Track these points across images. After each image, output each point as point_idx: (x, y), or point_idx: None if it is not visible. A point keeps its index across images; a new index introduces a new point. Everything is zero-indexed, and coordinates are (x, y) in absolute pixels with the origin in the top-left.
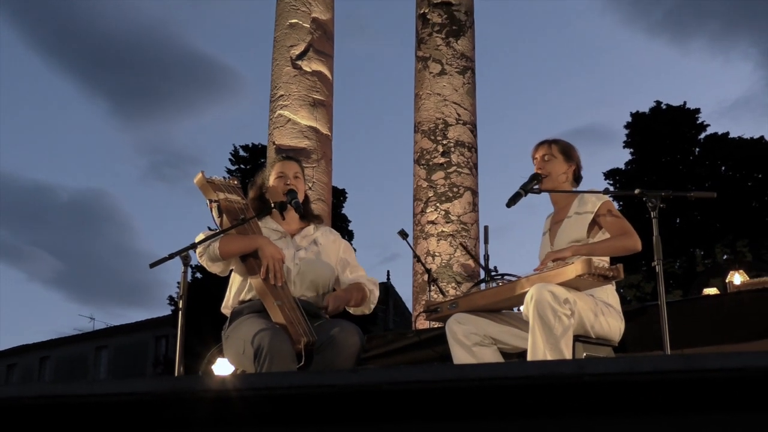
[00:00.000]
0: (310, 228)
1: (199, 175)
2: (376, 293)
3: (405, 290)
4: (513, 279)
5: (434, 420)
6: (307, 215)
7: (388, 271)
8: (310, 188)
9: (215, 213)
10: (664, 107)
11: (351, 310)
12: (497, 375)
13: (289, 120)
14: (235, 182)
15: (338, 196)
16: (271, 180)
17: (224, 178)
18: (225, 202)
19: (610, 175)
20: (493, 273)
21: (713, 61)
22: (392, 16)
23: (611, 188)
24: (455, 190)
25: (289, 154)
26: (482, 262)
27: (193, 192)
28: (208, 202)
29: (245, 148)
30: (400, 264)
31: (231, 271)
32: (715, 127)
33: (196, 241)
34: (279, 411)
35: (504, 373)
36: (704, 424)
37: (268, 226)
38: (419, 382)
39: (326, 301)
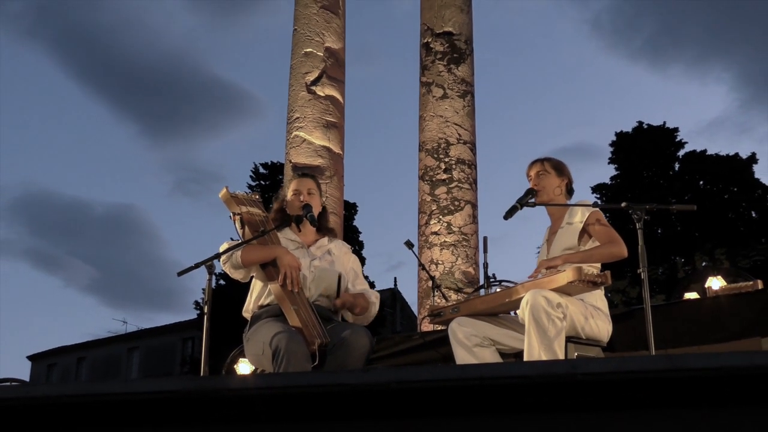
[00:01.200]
0: (325, 240)
1: (224, 190)
2: (377, 307)
3: (411, 295)
4: (510, 285)
5: (438, 416)
6: (322, 228)
7: (395, 278)
8: (324, 202)
9: (238, 225)
10: (646, 127)
11: (351, 319)
12: (496, 374)
13: (305, 140)
14: (257, 197)
15: (350, 209)
16: (289, 195)
17: (246, 193)
18: (247, 215)
19: (596, 189)
20: (491, 280)
21: (690, 85)
22: (398, 45)
23: (599, 201)
24: (456, 203)
25: (305, 171)
26: (482, 270)
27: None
28: (231, 214)
29: (264, 165)
30: (406, 271)
31: (252, 278)
32: (693, 145)
33: (221, 250)
34: (295, 408)
35: (503, 372)
36: (687, 419)
37: (287, 236)
38: (425, 381)
39: (335, 300)
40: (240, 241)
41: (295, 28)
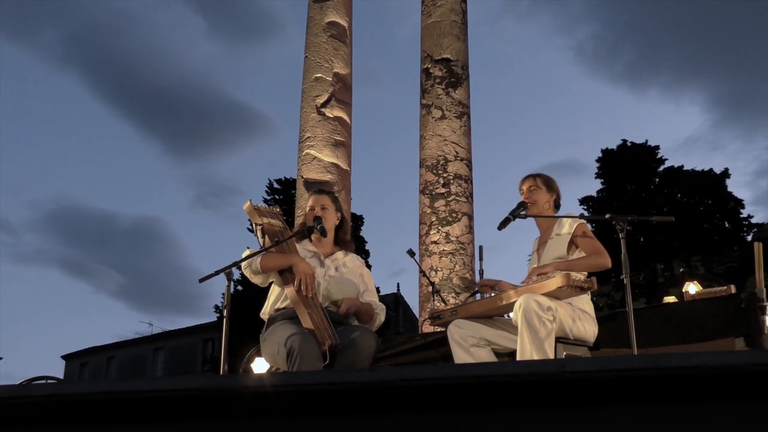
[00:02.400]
0: (341, 253)
1: (248, 203)
2: (382, 317)
3: (412, 299)
4: (504, 290)
5: (439, 411)
6: (339, 241)
7: (398, 283)
8: (342, 216)
9: (259, 234)
10: (629, 144)
11: (354, 322)
12: (492, 373)
13: (315, 158)
14: (277, 210)
15: (356, 221)
16: (306, 210)
17: (268, 206)
18: (267, 226)
19: (584, 201)
20: None
21: (667, 106)
22: (400, 71)
23: (585, 213)
24: (454, 215)
25: (315, 186)
26: (478, 276)
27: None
28: (254, 225)
29: (278, 181)
30: (408, 277)
31: (270, 283)
32: (671, 161)
33: (243, 256)
34: (308, 404)
35: (497, 371)
36: (668, 414)
37: (305, 247)
38: (426, 379)
39: (343, 302)
40: (259, 249)
41: (306, 55)
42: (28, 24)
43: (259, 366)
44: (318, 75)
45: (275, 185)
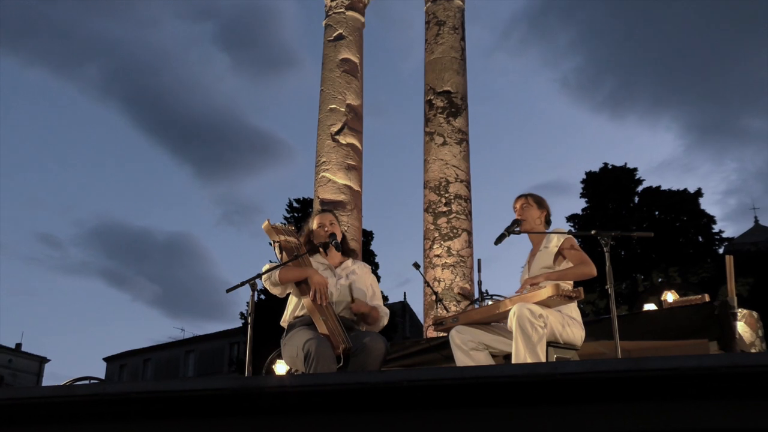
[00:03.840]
0: (349, 262)
1: (266, 223)
2: (385, 322)
3: (418, 307)
4: (500, 299)
5: (442, 409)
6: (346, 251)
7: (404, 293)
8: (345, 231)
9: (277, 250)
10: (610, 167)
11: (364, 327)
12: (489, 374)
13: (330, 180)
14: (292, 228)
15: (367, 236)
16: (314, 226)
17: (284, 224)
18: (284, 243)
19: (570, 218)
20: (484, 294)
21: (644, 132)
22: (406, 102)
23: (573, 229)
24: (455, 231)
25: (330, 206)
26: (476, 286)
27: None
28: (272, 242)
29: (297, 200)
30: (413, 287)
31: (288, 294)
32: (649, 182)
33: (262, 270)
34: (324, 402)
35: (495, 373)
36: (649, 410)
37: (317, 260)
38: (430, 380)
39: (353, 305)
40: (278, 263)
41: (321, 89)
42: (73, 60)
43: (280, 367)
44: (332, 106)
45: (294, 204)
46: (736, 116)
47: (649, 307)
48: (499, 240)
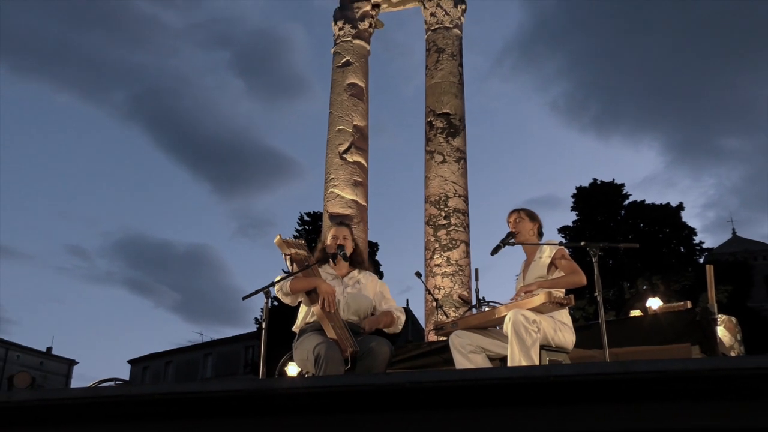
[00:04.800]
0: (356, 272)
1: (278, 237)
2: (403, 318)
3: (419, 313)
4: (496, 305)
5: (443, 408)
6: (353, 263)
7: (407, 299)
8: (355, 244)
9: (288, 262)
10: (599, 183)
11: (386, 330)
12: (487, 377)
13: (338, 195)
14: (302, 241)
15: (372, 247)
16: (328, 240)
17: (294, 238)
18: (295, 255)
19: (561, 230)
20: (481, 301)
21: (628, 150)
22: (408, 123)
23: (564, 240)
24: (454, 242)
25: (339, 220)
26: (474, 293)
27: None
28: (283, 255)
29: (307, 214)
30: (415, 294)
31: (299, 303)
32: (634, 196)
33: (275, 281)
34: (333, 403)
35: (492, 375)
36: (636, 410)
37: (326, 271)
38: (432, 382)
39: (364, 323)
40: (289, 274)
41: (330, 111)
42: (100, 86)
43: (292, 369)
44: (340, 127)
45: (305, 218)
46: (712, 136)
47: (636, 313)
48: (495, 251)
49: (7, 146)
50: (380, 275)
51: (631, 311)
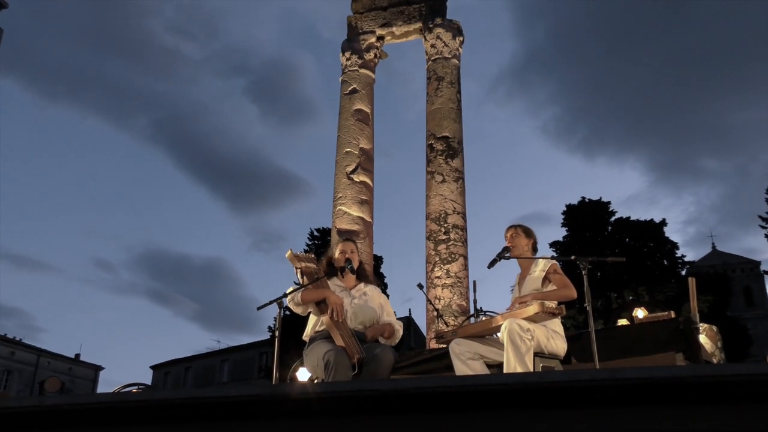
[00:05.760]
0: (362, 285)
1: (289, 252)
2: (401, 332)
3: (421, 321)
4: (493, 315)
5: (443, 412)
6: (360, 276)
7: (409, 309)
8: (361, 258)
9: (299, 275)
10: (587, 200)
11: (383, 341)
12: (484, 383)
13: (345, 212)
14: (312, 255)
15: (377, 260)
16: (336, 253)
17: (304, 252)
18: (305, 268)
19: (553, 245)
20: (479, 311)
21: (613, 170)
22: (410, 145)
23: (555, 254)
24: (453, 256)
25: (347, 236)
26: (472, 303)
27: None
28: (294, 268)
29: (317, 230)
30: (417, 304)
31: (309, 313)
32: (620, 213)
33: (287, 292)
34: (341, 406)
35: (489, 381)
36: (624, 414)
37: (335, 283)
38: (433, 387)
39: (367, 332)
40: (300, 286)
41: (338, 135)
42: (126, 112)
43: (303, 375)
44: (348, 149)
45: (315, 233)
46: (692, 157)
47: (622, 322)
48: (492, 264)
49: (39, 167)
50: (385, 287)
51: (619, 320)
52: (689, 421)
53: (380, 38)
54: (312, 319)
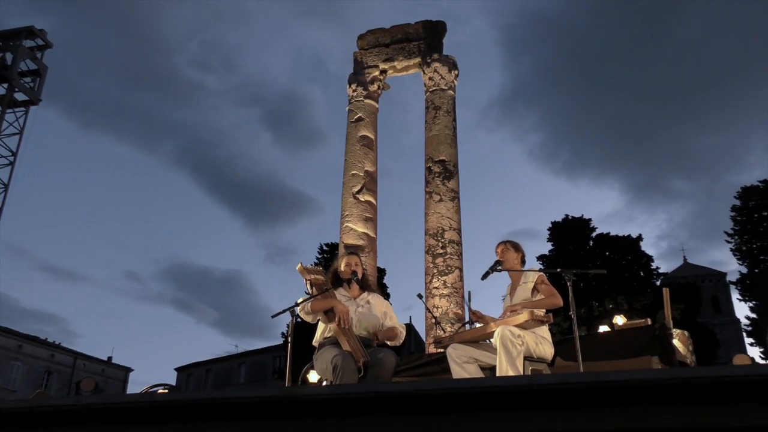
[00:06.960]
0: (366, 294)
1: (299, 265)
2: (404, 334)
3: (420, 328)
4: (474, 326)
5: (442, 412)
6: (364, 286)
7: (410, 316)
8: (365, 268)
9: (308, 286)
10: (570, 218)
11: (389, 343)
12: (479, 385)
13: (352, 229)
14: (320, 268)
15: (381, 273)
16: (342, 266)
17: (313, 265)
18: (315, 280)
19: (540, 258)
20: (470, 321)
21: (593, 190)
22: (410, 168)
23: (542, 267)
24: (450, 268)
25: (353, 250)
26: (467, 312)
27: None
28: (305, 280)
29: (326, 245)
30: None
31: (318, 321)
32: (601, 229)
33: (298, 301)
34: (349, 407)
35: (483, 384)
36: (608, 414)
37: (341, 293)
38: (433, 390)
39: (379, 335)
40: (310, 296)
41: (345, 158)
42: (153, 138)
43: (313, 376)
44: (354, 172)
45: (324, 247)
46: (664, 178)
47: (604, 328)
48: (485, 276)
49: (76, 189)
50: (387, 296)
51: (600, 327)
52: (667, 419)
53: (383, 72)
54: (321, 326)
